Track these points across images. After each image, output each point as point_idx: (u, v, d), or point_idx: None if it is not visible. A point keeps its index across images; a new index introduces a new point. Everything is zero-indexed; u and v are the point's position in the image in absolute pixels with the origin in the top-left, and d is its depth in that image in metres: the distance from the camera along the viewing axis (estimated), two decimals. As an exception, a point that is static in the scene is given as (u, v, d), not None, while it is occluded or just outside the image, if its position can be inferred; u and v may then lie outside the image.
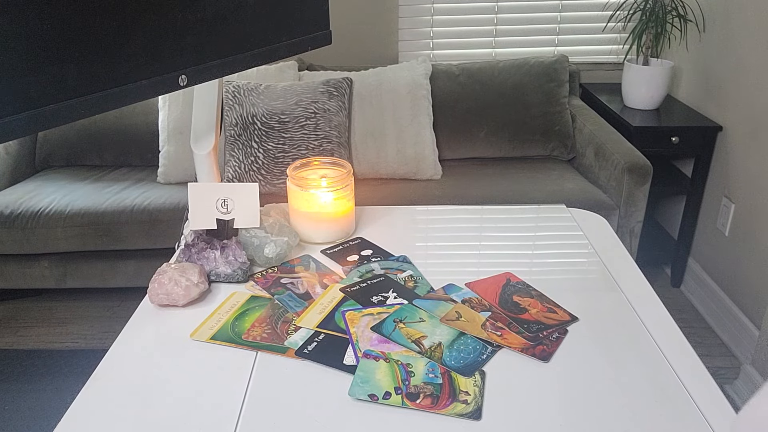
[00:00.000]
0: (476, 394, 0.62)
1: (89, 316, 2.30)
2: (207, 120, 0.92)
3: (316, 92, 2.20)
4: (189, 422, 0.60)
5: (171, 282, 0.77)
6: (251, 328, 0.73)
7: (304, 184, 0.90)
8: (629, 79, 2.38)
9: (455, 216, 1.02)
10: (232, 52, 0.77)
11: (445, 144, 2.41)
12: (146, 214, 2.10)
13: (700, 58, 2.34)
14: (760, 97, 1.96)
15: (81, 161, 2.49)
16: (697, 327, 2.19)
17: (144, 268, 2.21)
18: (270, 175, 2.17)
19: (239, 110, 2.18)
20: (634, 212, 2.09)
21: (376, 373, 0.65)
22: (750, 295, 2.00)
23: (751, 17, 2.01)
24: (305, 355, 0.68)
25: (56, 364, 2.03)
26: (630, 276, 0.84)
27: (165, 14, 0.67)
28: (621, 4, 2.48)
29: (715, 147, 2.23)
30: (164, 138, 2.30)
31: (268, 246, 0.84)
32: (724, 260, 2.15)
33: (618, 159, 2.10)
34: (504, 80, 2.43)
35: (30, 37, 0.56)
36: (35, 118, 0.57)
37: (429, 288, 0.81)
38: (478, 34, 2.67)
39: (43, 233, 2.09)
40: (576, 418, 0.59)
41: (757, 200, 1.97)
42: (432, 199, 2.14)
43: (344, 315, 0.75)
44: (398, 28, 2.66)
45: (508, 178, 2.28)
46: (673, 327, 0.73)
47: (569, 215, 1.02)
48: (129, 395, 0.63)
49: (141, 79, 0.66)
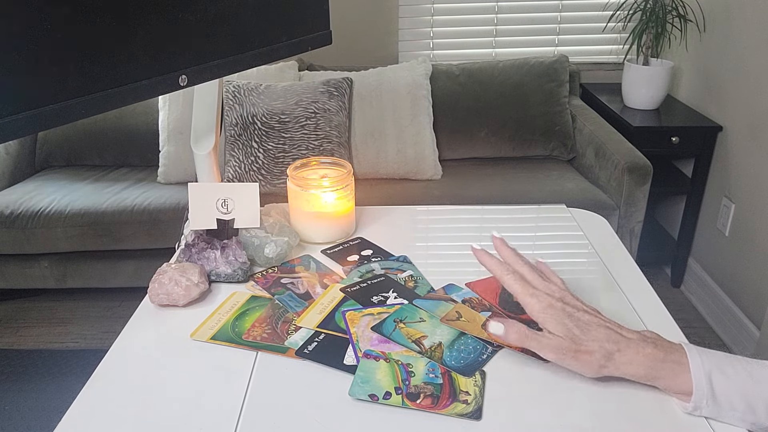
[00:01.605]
0: (476, 394, 0.62)
1: (89, 316, 2.30)
2: (207, 120, 0.92)
3: (316, 92, 2.20)
4: (189, 422, 0.60)
5: (171, 282, 0.77)
6: (251, 328, 0.73)
7: (305, 184, 0.90)
8: (629, 79, 2.38)
9: (455, 216, 1.02)
10: (232, 52, 0.77)
11: (445, 144, 2.41)
12: (146, 214, 2.10)
13: (700, 58, 2.34)
14: (760, 97, 1.96)
15: (81, 161, 2.49)
16: (697, 327, 2.19)
17: (144, 268, 2.21)
18: (270, 175, 2.17)
19: (239, 110, 2.18)
20: (634, 212, 2.09)
21: (377, 373, 0.65)
22: (750, 295, 2.00)
23: (751, 17, 2.01)
24: (305, 355, 0.68)
25: (56, 364, 2.03)
26: (630, 276, 0.84)
27: (165, 14, 0.67)
28: (621, 4, 2.48)
29: (715, 147, 2.23)
30: (164, 138, 2.30)
31: (269, 246, 0.84)
32: (725, 260, 2.15)
33: (618, 159, 2.10)
34: (504, 80, 2.43)
35: (30, 37, 0.56)
36: (35, 118, 0.57)
37: (429, 288, 0.81)
38: (478, 34, 2.67)
39: (43, 233, 2.09)
40: (576, 418, 0.59)
41: (757, 200, 1.97)
42: (432, 199, 2.14)
43: (344, 315, 0.75)
44: (398, 28, 2.66)
45: (508, 178, 2.28)
46: (674, 327, 0.73)
47: (569, 215, 1.02)
48: (129, 395, 0.63)
49: (141, 79, 0.66)
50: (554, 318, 0.61)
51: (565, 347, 0.60)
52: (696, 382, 0.56)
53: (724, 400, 0.56)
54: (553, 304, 0.62)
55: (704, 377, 0.56)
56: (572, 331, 0.60)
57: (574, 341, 0.60)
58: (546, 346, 0.60)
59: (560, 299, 0.63)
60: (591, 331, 0.60)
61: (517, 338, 0.61)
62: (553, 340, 0.60)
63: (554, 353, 0.60)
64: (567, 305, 0.62)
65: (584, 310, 0.62)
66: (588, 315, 0.62)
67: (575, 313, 0.61)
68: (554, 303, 0.62)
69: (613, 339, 0.60)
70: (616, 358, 0.59)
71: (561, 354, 0.60)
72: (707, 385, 0.56)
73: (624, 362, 0.59)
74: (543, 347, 0.60)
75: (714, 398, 0.56)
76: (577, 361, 0.60)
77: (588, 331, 0.60)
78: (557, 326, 0.60)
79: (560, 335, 0.60)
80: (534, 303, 0.62)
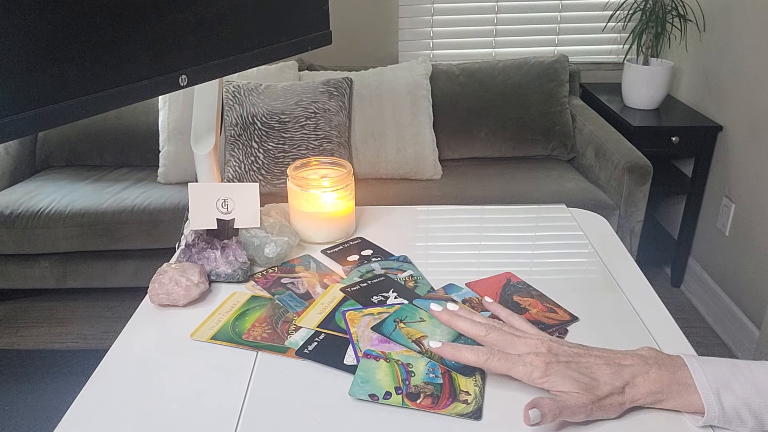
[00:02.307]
0: (477, 394, 0.62)
1: (89, 316, 2.30)
2: (207, 120, 0.92)
3: (316, 92, 2.20)
4: (189, 422, 0.60)
5: (171, 282, 0.77)
6: (251, 328, 0.73)
7: (305, 184, 0.90)
8: (629, 79, 2.38)
9: (455, 216, 1.02)
10: (232, 52, 0.77)
11: (445, 144, 2.41)
12: (146, 214, 2.10)
13: (700, 58, 2.34)
14: (760, 97, 1.96)
15: (81, 161, 2.49)
16: (697, 327, 2.19)
17: (144, 268, 2.21)
18: (270, 175, 2.17)
19: (239, 110, 2.18)
20: (634, 212, 2.09)
21: (377, 373, 0.65)
22: (750, 295, 2.00)
23: (751, 17, 2.01)
24: (305, 355, 0.68)
25: (56, 364, 2.03)
26: (630, 276, 0.84)
27: (165, 14, 0.67)
28: (621, 4, 2.48)
29: (715, 147, 2.23)
30: (164, 138, 2.30)
31: (269, 246, 0.84)
32: (725, 260, 2.15)
33: (618, 159, 2.10)
34: (504, 80, 2.43)
35: (30, 36, 0.56)
36: (35, 118, 0.57)
37: (429, 288, 0.81)
38: (478, 34, 2.67)
39: (43, 233, 2.09)
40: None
41: (757, 200, 1.97)
42: (432, 199, 2.14)
43: (344, 315, 0.75)
44: (398, 28, 2.66)
45: (508, 178, 2.28)
46: (673, 327, 0.73)
47: (569, 215, 1.02)
48: (129, 395, 0.63)
49: (141, 79, 0.66)
50: (559, 376, 0.57)
51: (589, 402, 0.57)
52: (706, 403, 0.56)
53: (734, 416, 0.56)
54: (549, 361, 0.58)
55: (713, 397, 0.56)
56: (582, 381, 0.57)
57: (591, 393, 0.57)
58: (574, 409, 0.56)
59: (549, 351, 0.59)
60: (596, 373, 0.58)
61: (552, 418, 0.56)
62: (577, 399, 0.56)
63: (583, 412, 0.57)
64: (559, 356, 0.59)
65: (576, 353, 0.59)
66: (583, 357, 0.59)
67: (572, 361, 0.58)
68: (549, 360, 0.58)
69: (618, 373, 0.58)
70: (627, 393, 0.58)
71: (588, 411, 0.57)
72: (717, 405, 0.55)
73: (634, 393, 0.58)
74: (573, 411, 0.56)
75: (724, 415, 0.56)
76: (602, 410, 0.57)
77: (594, 374, 0.58)
78: (566, 383, 0.57)
79: (574, 391, 0.57)
80: (531, 371, 0.58)
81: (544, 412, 0.55)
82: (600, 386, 0.57)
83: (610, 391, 0.57)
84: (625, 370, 0.58)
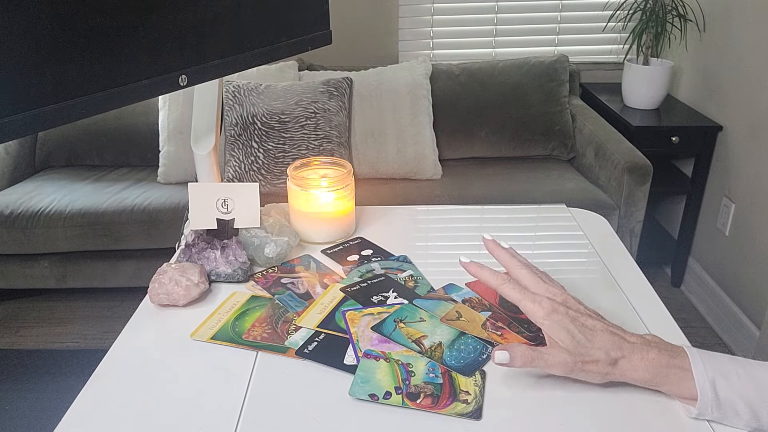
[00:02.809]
0: (477, 394, 0.62)
1: (89, 316, 2.30)
2: (207, 120, 0.92)
3: (316, 92, 2.20)
4: (189, 422, 0.60)
5: (171, 282, 0.77)
6: (251, 327, 0.73)
7: (305, 184, 0.90)
8: (629, 79, 2.38)
9: (455, 216, 1.02)
10: (232, 52, 0.77)
11: (445, 144, 2.41)
12: (146, 214, 2.10)
13: (700, 58, 2.34)
14: (760, 97, 1.96)
15: (81, 161, 2.49)
16: (697, 327, 2.19)
17: (144, 268, 2.21)
18: (270, 175, 2.17)
19: (239, 110, 2.18)
20: (634, 212, 2.09)
21: (377, 372, 0.65)
22: (750, 295, 2.00)
23: (751, 17, 2.01)
24: (305, 354, 0.68)
25: (56, 364, 2.03)
26: (630, 276, 0.84)
27: (165, 14, 0.67)
28: (621, 4, 2.48)
29: (715, 147, 2.23)
30: (164, 138, 2.30)
31: (269, 246, 0.84)
32: (725, 260, 2.15)
33: (618, 159, 2.10)
34: (504, 80, 2.43)
35: (30, 36, 0.56)
36: (35, 118, 0.57)
37: (429, 288, 0.81)
38: (478, 34, 2.67)
39: (43, 233, 2.09)
40: (577, 418, 0.59)
41: (757, 200, 1.97)
42: (432, 199, 2.14)
43: (344, 315, 0.75)
44: (398, 28, 2.66)
45: (508, 178, 2.28)
46: (674, 327, 0.73)
47: (569, 215, 1.02)
48: (129, 395, 0.63)
49: (141, 79, 0.66)
50: (558, 323, 0.59)
51: (571, 362, 0.59)
52: (700, 389, 0.56)
53: (728, 406, 0.56)
54: (557, 308, 0.60)
55: (708, 384, 0.56)
56: (576, 338, 0.59)
57: (579, 352, 0.59)
58: (552, 365, 0.59)
59: (563, 303, 0.61)
60: (595, 338, 0.59)
61: (522, 363, 0.59)
62: (558, 355, 0.59)
63: (561, 369, 0.59)
64: (570, 309, 0.61)
65: (587, 314, 0.61)
66: (591, 319, 0.61)
67: (579, 318, 0.60)
68: (557, 307, 0.60)
69: (618, 345, 0.59)
70: (620, 365, 0.59)
71: (568, 369, 0.59)
72: (711, 392, 0.56)
73: (628, 368, 0.59)
74: (550, 366, 0.59)
75: (718, 404, 0.56)
76: (583, 372, 0.59)
77: (592, 337, 0.59)
78: (561, 332, 0.59)
79: (564, 345, 0.59)
80: (537, 309, 0.60)
81: (515, 356, 0.59)
82: (591, 350, 0.59)
83: (598, 357, 0.59)
84: (625, 344, 0.60)
